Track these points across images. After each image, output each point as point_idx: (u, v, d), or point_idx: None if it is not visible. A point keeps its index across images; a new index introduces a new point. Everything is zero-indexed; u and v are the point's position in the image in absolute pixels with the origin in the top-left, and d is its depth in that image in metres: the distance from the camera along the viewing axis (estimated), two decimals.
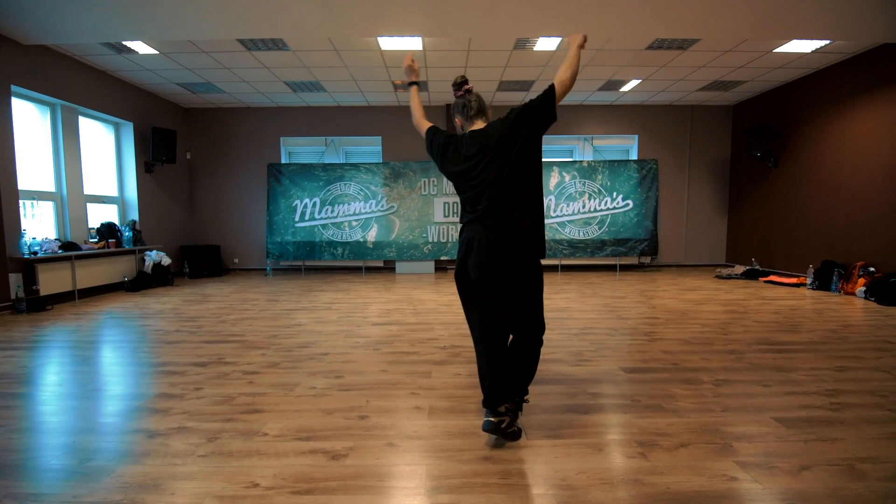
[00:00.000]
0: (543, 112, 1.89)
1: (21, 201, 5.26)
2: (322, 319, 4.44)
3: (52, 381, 2.87)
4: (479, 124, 2.04)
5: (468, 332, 2.25)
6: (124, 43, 5.40)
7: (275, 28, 4.95)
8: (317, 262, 8.43)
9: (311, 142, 8.77)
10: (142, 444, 1.97)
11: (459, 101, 2.06)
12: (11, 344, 3.64)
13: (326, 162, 8.61)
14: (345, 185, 8.30)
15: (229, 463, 1.80)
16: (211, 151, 8.46)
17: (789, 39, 5.35)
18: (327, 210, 8.30)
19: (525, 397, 2.05)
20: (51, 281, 5.38)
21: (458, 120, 2.09)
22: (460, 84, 2.08)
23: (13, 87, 5.14)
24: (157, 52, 5.71)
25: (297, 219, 8.29)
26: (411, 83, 2.24)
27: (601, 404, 2.37)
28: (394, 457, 1.85)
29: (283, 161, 8.58)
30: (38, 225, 5.68)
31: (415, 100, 2.23)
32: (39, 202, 5.71)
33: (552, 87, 1.90)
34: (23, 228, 5.22)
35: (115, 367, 3.17)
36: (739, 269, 7.56)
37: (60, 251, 5.54)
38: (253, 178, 8.46)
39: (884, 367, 2.91)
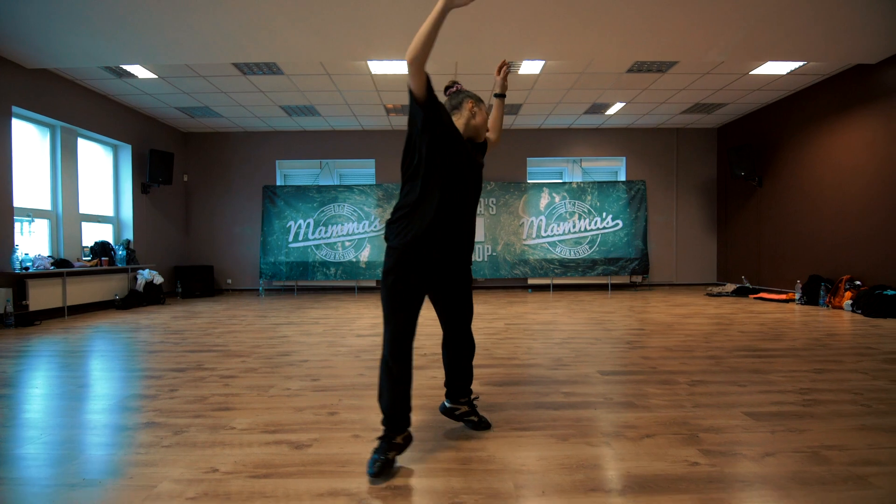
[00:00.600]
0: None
1: (16, 218, 5.35)
2: (308, 332, 4.44)
3: (31, 384, 2.86)
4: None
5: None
6: (123, 67, 5.61)
7: (268, 52, 5.16)
8: (310, 282, 8.45)
9: (306, 164, 8.95)
10: (108, 437, 1.97)
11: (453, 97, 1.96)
12: None
13: (321, 184, 8.77)
14: (338, 206, 8.42)
15: (192, 452, 1.79)
16: (207, 174, 8.63)
17: (764, 61, 5.57)
18: (321, 231, 8.39)
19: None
20: (41, 297, 5.40)
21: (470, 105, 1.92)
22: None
23: (14, 108, 5.32)
24: (156, 77, 5.92)
25: (290, 239, 8.37)
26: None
27: (573, 402, 2.36)
28: (358, 446, 1.85)
29: (278, 183, 8.74)
30: (32, 242, 5.74)
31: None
32: (35, 220, 5.80)
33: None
34: (15, 244, 5.28)
35: (94, 371, 3.16)
36: (730, 287, 7.58)
37: (52, 267, 5.59)
38: (248, 199, 8.60)
39: (862, 370, 2.91)
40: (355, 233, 8.41)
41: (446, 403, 2.02)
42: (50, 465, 1.73)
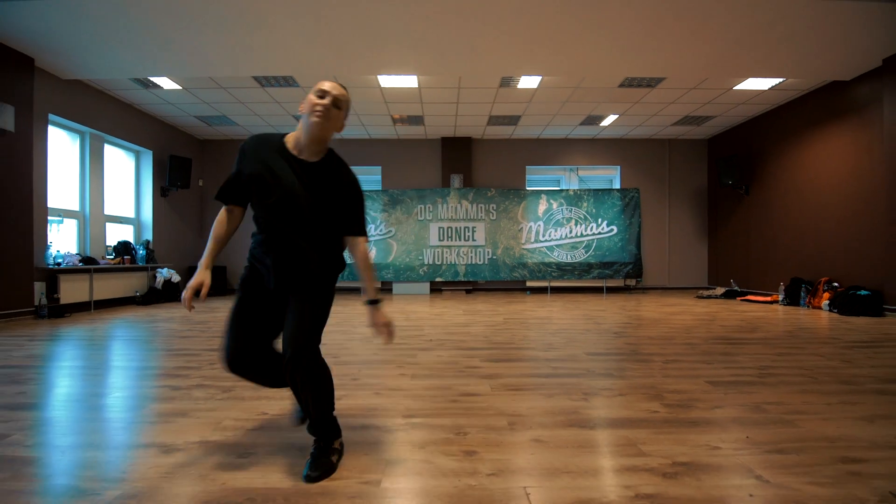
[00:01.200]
0: None
1: (49, 218, 5.76)
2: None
3: (76, 361, 3.24)
4: None
5: (455, 330, 2.64)
6: (151, 79, 6.05)
7: (287, 67, 5.61)
8: None
9: None
10: (168, 393, 2.35)
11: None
12: (36, 338, 4.02)
13: None
14: None
15: (242, 403, 2.17)
16: (222, 179, 9.04)
17: (746, 77, 6.00)
18: None
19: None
20: (70, 291, 5.79)
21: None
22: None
23: (50, 116, 5.75)
24: (180, 88, 6.37)
25: None
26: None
27: (560, 373, 2.74)
28: (378, 400, 2.22)
29: None
30: (61, 240, 6.14)
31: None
32: (65, 219, 6.20)
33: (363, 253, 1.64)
34: (49, 241, 5.69)
35: (137, 351, 3.54)
36: (720, 290, 7.95)
37: (81, 264, 5.99)
38: None
39: (820, 354, 3.28)
40: None
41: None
42: (128, 410, 2.11)
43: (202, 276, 1.57)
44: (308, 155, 1.58)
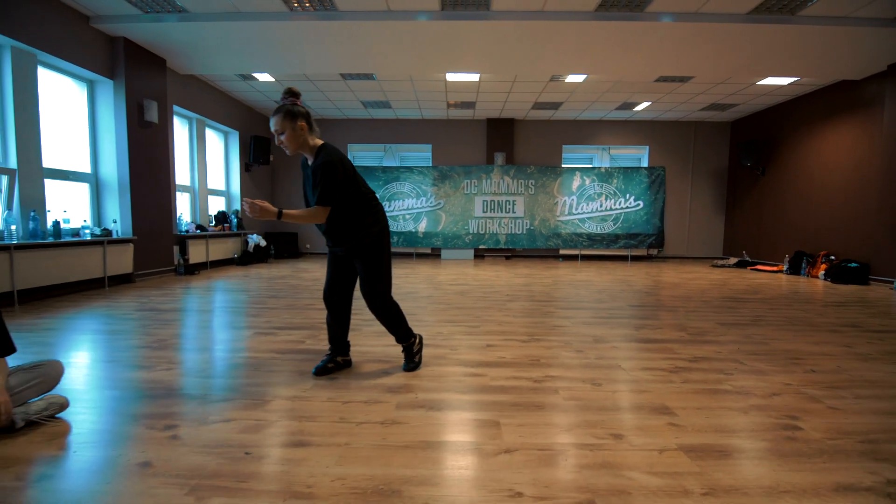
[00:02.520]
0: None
1: (176, 192, 7.02)
2: (408, 280, 6.07)
3: (253, 300, 4.52)
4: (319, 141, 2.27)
5: (519, 289, 3.77)
6: (253, 74, 7.12)
7: (370, 67, 6.61)
8: None
9: (372, 148, 10.45)
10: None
11: (301, 109, 2.17)
12: (191, 289, 5.33)
13: (385, 165, 10.29)
14: (400, 184, 9.95)
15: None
16: (288, 155, 10.17)
17: (766, 77, 6.84)
18: (385, 205, 9.95)
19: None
20: (194, 253, 7.12)
21: (303, 125, 2.14)
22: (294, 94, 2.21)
23: (174, 107, 6.90)
24: (274, 80, 7.43)
25: None
26: None
27: (614, 316, 3.94)
28: (501, 328, 3.45)
29: None
30: (178, 210, 7.42)
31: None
32: (182, 193, 7.46)
33: (318, 211, 2.11)
34: (179, 212, 6.97)
35: (287, 294, 4.81)
36: (733, 260, 9.02)
37: (198, 231, 7.29)
38: None
39: (803, 310, 4.42)
40: (414, 207, 9.96)
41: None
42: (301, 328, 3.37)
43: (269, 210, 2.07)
44: (311, 160, 2.24)
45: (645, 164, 10.17)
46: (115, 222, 5.69)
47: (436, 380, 2.33)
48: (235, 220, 8.55)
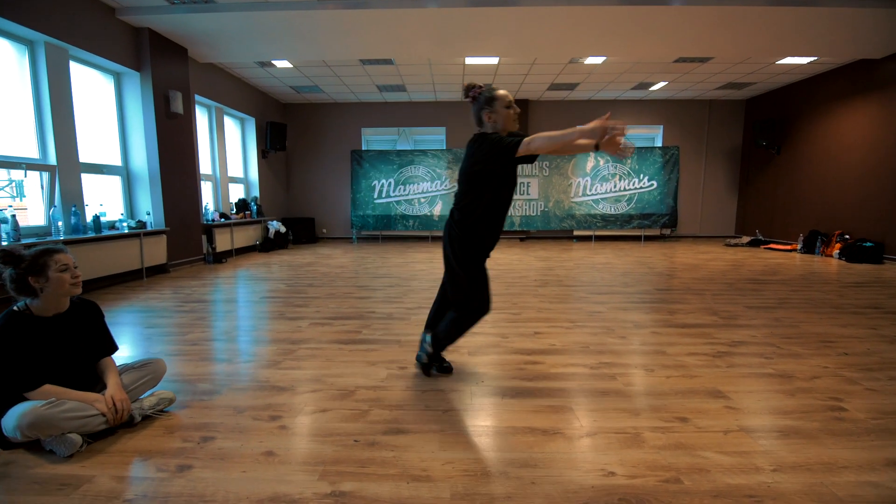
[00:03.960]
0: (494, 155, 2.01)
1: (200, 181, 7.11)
2: (433, 266, 6.23)
3: (284, 288, 4.69)
4: None
5: (545, 273, 3.89)
6: (272, 61, 7.11)
7: (390, 52, 6.60)
8: (392, 231, 10.22)
9: (386, 132, 10.47)
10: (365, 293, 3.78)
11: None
12: (225, 278, 5.50)
13: (399, 148, 10.32)
14: (414, 168, 10.00)
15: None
16: (303, 140, 10.23)
17: (785, 57, 6.83)
18: (400, 189, 10.04)
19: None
20: (220, 241, 7.26)
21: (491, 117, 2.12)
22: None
23: (195, 96, 6.93)
24: (292, 66, 7.42)
25: (375, 196, 10.05)
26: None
27: (645, 300, 4.10)
28: (545, 315, 3.62)
29: (363, 148, 10.32)
30: (203, 199, 7.52)
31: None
32: (205, 182, 7.56)
33: (520, 140, 1.89)
34: (205, 203, 7.08)
35: (318, 280, 4.98)
36: (745, 239, 9.15)
37: (222, 220, 7.41)
38: (338, 162, 10.23)
39: (824, 291, 4.57)
40: (429, 191, 10.04)
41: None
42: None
43: None
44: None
45: (659, 143, 10.19)
46: (148, 214, 5.82)
47: (499, 367, 2.51)
48: (255, 207, 8.66)
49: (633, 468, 1.55)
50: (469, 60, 7.12)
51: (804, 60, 7.10)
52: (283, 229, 8.84)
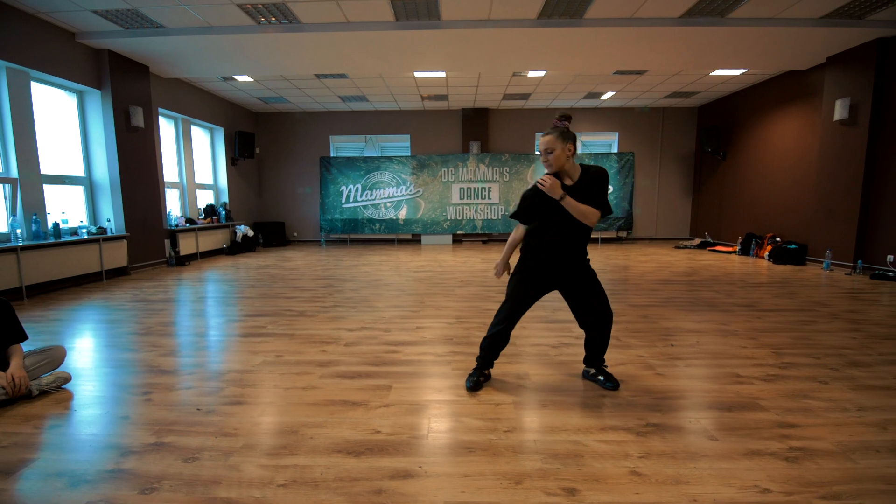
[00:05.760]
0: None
1: (165, 189, 7.55)
2: (379, 269, 6.65)
3: (254, 289, 5.11)
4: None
5: (480, 275, 4.30)
6: (234, 76, 7.55)
7: (343, 68, 7.04)
8: (359, 235, 10.65)
9: (353, 139, 10.91)
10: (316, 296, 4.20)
11: (572, 133, 2.26)
12: (181, 280, 5.93)
13: (366, 155, 10.76)
14: (381, 173, 10.44)
15: (369, 313, 4.01)
16: (275, 147, 10.67)
17: (716, 69, 7.24)
18: (367, 194, 10.47)
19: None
20: (184, 245, 7.69)
21: (571, 147, 2.22)
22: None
23: (158, 109, 7.37)
24: (253, 80, 7.87)
25: (343, 201, 10.49)
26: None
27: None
28: (434, 309, 4.03)
29: (331, 155, 10.75)
30: (168, 206, 7.96)
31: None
32: (171, 189, 8.00)
33: (596, 213, 2.20)
34: (169, 208, 7.52)
35: (278, 283, 5.40)
36: (696, 240, 9.55)
37: (187, 224, 7.85)
38: (307, 168, 10.67)
39: (716, 290, 4.97)
40: (394, 196, 10.47)
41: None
42: (308, 301, 3.96)
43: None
44: (567, 180, 2.28)
45: (615, 149, 10.60)
46: (108, 221, 6.25)
47: (361, 356, 2.93)
48: (224, 212, 9.10)
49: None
50: (419, 74, 7.55)
51: (737, 72, 7.51)
52: (250, 233, 9.27)
